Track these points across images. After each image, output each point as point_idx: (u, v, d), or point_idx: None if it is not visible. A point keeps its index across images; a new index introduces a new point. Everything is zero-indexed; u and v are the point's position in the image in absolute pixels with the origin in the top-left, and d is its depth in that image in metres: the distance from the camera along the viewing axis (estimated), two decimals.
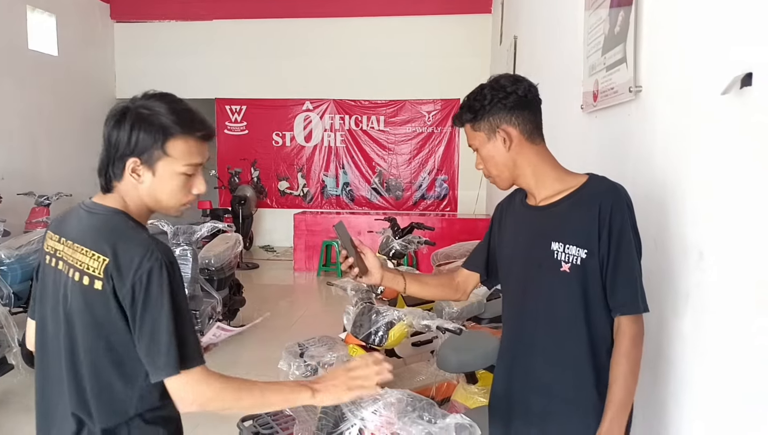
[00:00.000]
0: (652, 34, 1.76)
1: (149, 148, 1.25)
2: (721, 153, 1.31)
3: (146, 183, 1.28)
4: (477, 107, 1.49)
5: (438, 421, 1.30)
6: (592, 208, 1.40)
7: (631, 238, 1.38)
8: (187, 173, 1.29)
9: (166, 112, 1.27)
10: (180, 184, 1.29)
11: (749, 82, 1.16)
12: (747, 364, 1.18)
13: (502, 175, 1.52)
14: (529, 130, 1.48)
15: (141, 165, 1.26)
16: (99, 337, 1.24)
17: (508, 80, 1.49)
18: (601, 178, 1.48)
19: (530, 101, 1.49)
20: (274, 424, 2.08)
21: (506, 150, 1.48)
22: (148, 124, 1.25)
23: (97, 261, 1.21)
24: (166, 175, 1.27)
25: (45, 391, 1.35)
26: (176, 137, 1.26)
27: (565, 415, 1.47)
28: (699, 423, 1.42)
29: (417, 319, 2.21)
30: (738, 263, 1.23)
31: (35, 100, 8.17)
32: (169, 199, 1.31)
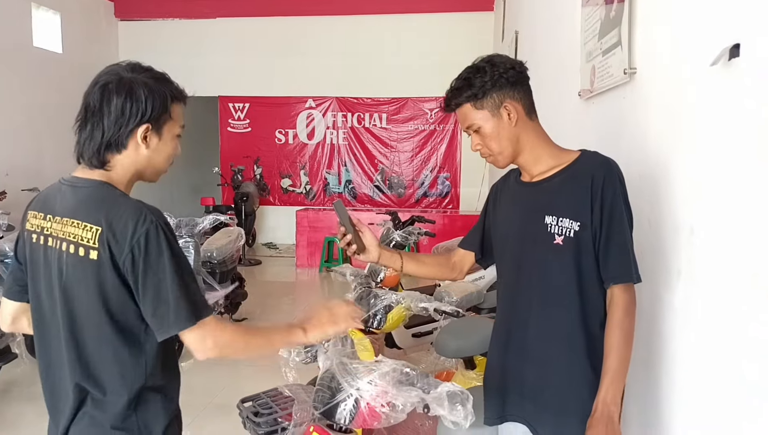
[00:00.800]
0: (647, 16, 1.78)
1: (161, 113, 1.32)
2: (712, 129, 1.33)
3: (152, 147, 1.34)
4: (479, 84, 1.50)
5: (431, 391, 1.33)
6: (584, 182, 1.42)
7: (622, 210, 1.40)
8: (179, 135, 1.40)
9: (164, 80, 1.36)
10: (175, 146, 1.40)
11: (737, 53, 1.18)
12: (735, 335, 1.20)
13: (504, 152, 1.53)
14: (527, 106, 1.52)
15: (151, 130, 1.32)
16: (99, 307, 1.26)
17: (501, 58, 1.53)
18: (593, 153, 1.50)
19: (526, 78, 1.52)
20: (273, 405, 2.10)
21: (512, 125, 1.49)
22: (158, 92, 1.32)
23: (90, 231, 1.24)
24: (168, 138, 1.36)
25: (48, 368, 1.38)
26: (175, 102, 1.36)
27: (559, 386, 1.49)
28: (689, 394, 1.43)
29: (415, 302, 2.24)
30: (727, 237, 1.25)
31: (40, 97, 8.23)
32: (165, 162, 1.40)
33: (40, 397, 1.44)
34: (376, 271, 3.00)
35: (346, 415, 1.42)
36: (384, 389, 1.37)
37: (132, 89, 1.28)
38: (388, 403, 1.38)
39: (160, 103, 1.31)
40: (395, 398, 1.34)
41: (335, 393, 1.45)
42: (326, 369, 1.55)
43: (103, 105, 1.28)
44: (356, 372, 1.42)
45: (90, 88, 1.31)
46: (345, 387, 1.41)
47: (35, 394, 3.96)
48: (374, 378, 1.38)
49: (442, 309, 2.16)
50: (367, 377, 1.39)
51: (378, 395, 1.38)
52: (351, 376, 1.42)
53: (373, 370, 1.40)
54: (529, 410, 1.52)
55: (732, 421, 1.21)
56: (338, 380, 1.44)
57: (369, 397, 1.39)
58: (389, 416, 1.38)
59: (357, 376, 1.41)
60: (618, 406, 1.37)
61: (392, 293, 2.36)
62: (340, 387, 1.43)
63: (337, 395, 1.44)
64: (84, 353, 1.30)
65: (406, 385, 1.36)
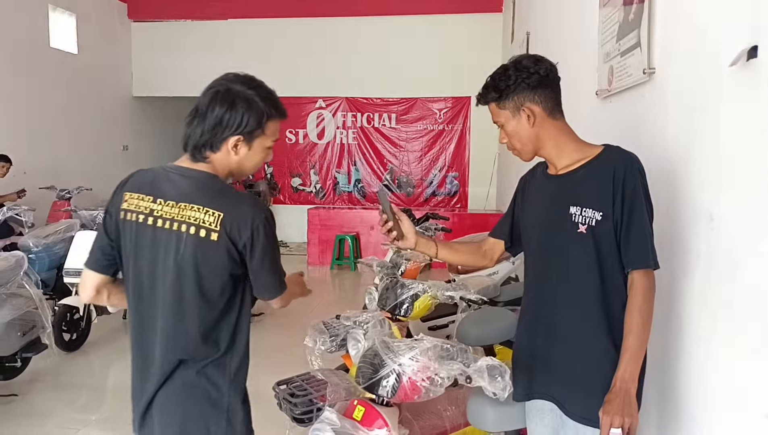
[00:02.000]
0: (666, 18, 1.88)
1: (254, 129, 1.49)
2: (729, 127, 1.44)
3: (240, 155, 1.51)
4: (502, 87, 1.62)
5: (471, 364, 1.44)
6: (607, 175, 1.53)
7: (642, 200, 1.51)
8: (271, 147, 1.57)
9: (267, 98, 1.51)
10: (265, 156, 1.57)
11: (755, 54, 1.29)
12: (751, 315, 1.30)
13: (525, 149, 1.67)
14: (550, 107, 1.63)
15: (242, 141, 1.49)
16: (213, 281, 1.45)
17: (530, 60, 1.63)
18: (615, 148, 1.61)
19: (551, 80, 1.63)
20: (308, 387, 2.22)
21: (530, 126, 1.62)
22: (257, 109, 1.48)
23: (213, 216, 1.43)
24: (259, 149, 1.53)
25: (143, 336, 1.52)
26: (272, 119, 1.52)
27: (585, 365, 1.58)
28: (711, 375, 1.54)
29: (441, 291, 2.35)
30: (744, 222, 1.35)
31: (56, 96, 8.38)
32: (253, 168, 1.59)
33: (69, 387, 1.58)
34: (397, 264, 3.11)
35: (389, 389, 1.53)
36: (425, 364, 1.48)
37: (234, 103, 1.45)
38: (429, 377, 1.49)
39: (255, 120, 1.47)
40: (438, 372, 1.45)
41: (378, 369, 1.56)
42: (369, 347, 1.66)
43: (208, 110, 1.46)
44: (398, 349, 1.53)
45: (205, 90, 1.50)
46: (388, 363, 1.52)
47: (64, 384, 4.11)
48: (416, 354, 1.49)
49: (468, 297, 2.27)
50: (409, 353, 1.50)
51: (419, 370, 1.49)
52: (393, 353, 1.53)
53: (414, 347, 1.51)
54: (556, 388, 1.63)
55: (748, 403, 1.32)
56: (381, 357, 1.55)
57: (411, 371, 1.50)
58: (429, 390, 1.49)
59: (399, 353, 1.52)
60: (635, 383, 1.47)
61: (419, 283, 2.47)
62: (383, 363, 1.54)
63: (380, 371, 1.55)
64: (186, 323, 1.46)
65: (447, 359, 1.47)
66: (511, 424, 1.81)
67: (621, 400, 1.43)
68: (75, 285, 4.67)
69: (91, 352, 4.70)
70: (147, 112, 10.59)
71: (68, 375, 4.23)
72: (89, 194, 7.91)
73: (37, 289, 3.86)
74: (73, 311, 4.61)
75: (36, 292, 3.81)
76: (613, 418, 1.40)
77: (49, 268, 5.21)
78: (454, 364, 1.43)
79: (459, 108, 9.66)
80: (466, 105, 9.63)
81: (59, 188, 7.57)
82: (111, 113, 9.70)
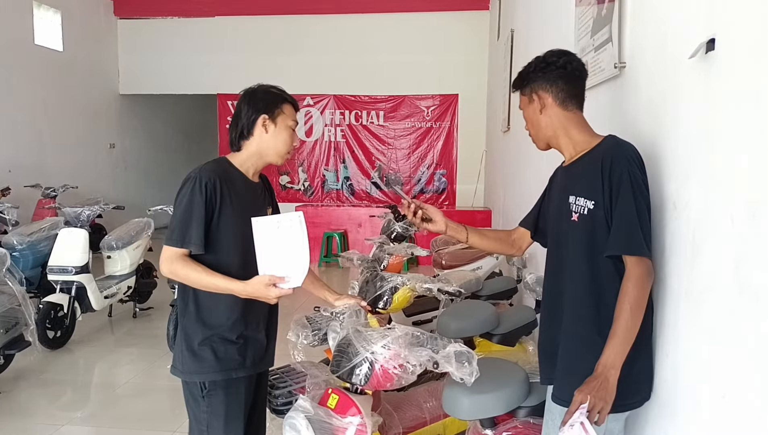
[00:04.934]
0: (635, 13, 1.93)
1: (274, 107, 1.90)
2: (690, 114, 1.48)
3: (270, 132, 1.90)
4: (523, 75, 1.75)
5: (440, 351, 1.47)
6: (597, 164, 1.58)
7: (630, 188, 1.52)
8: (292, 127, 1.95)
9: (279, 89, 1.99)
10: (289, 135, 1.94)
11: (713, 47, 1.32)
12: (709, 299, 1.34)
13: (537, 135, 1.78)
14: (562, 98, 1.69)
15: (268, 119, 1.89)
16: None
17: (555, 54, 1.72)
18: (610, 137, 1.65)
19: (569, 72, 1.70)
20: (288, 379, 2.24)
21: (539, 113, 1.72)
22: (273, 94, 1.95)
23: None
24: (282, 127, 1.92)
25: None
26: (286, 102, 1.95)
27: (570, 351, 1.63)
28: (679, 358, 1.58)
29: (419, 283, 2.38)
30: (704, 210, 1.39)
31: (41, 94, 8.32)
32: (282, 146, 1.93)
33: (53, 384, 1.61)
34: (379, 259, 3.14)
35: (362, 377, 1.55)
36: (397, 352, 1.51)
37: (254, 93, 1.94)
38: (401, 365, 1.52)
39: (272, 101, 1.91)
40: (408, 359, 1.47)
41: (351, 357, 1.59)
42: (343, 336, 1.68)
43: (240, 107, 1.92)
44: (371, 337, 1.56)
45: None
46: (361, 351, 1.55)
47: (48, 382, 4.10)
48: (388, 342, 1.52)
49: (445, 289, 2.30)
50: (382, 341, 1.53)
51: (391, 358, 1.51)
52: (366, 341, 1.56)
53: (387, 335, 1.54)
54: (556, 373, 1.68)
55: (710, 385, 1.36)
56: (354, 345, 1.58)
57: (383, 359, 1.52)
58: (401, 377, 1.52)
59: (372, 341, 1.55)
60: (617, 369, 1.48)
61: (398, 276, 2.50)
62: (356, 351, 1.57)
63: (354, 359, 1.57)
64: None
65: (417, 346, 1.50)
66: (485, 412, 1.84)
67: (598, 382, 1.45)
68: (59, 282, 4.66)
69: (75, 350, 4.69)
70: (134, 109, 10.53)
71: (52, 372, 4.22)
72: (75, 192, 7.88)
73: (21, 287, 3.84)
74: (57, 308, 4.59)
75: (19, 289, 3.80)
76: (584, 396, 1.43)
77: (34, 265, 5.19)
78: (423, 351, 1.46)
79: (447, 105, 9.70)
80: (454, 102, 9.67)
81: (44, 186, 7.53)
82: (97, 111, 9.64)
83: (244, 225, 1.86)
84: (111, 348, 4.78)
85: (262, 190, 2.04)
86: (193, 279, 1.77)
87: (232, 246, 1.85)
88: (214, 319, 1.85)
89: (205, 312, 1.85)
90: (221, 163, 1.92)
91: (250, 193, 1.95)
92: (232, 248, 1.85)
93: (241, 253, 1.86)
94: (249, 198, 1.93)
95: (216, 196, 1.81)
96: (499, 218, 6.87)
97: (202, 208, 1.77)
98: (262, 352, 1.97)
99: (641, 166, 1.58)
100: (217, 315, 1.86)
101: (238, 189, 1.89)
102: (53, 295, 4.61)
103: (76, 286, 4.63)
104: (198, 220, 1.77)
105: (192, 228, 1.77)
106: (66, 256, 4.61)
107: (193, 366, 1.84)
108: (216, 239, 1.83)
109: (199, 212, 1.77)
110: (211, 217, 1.81)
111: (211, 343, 1.83)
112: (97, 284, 4.87)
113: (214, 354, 1.82)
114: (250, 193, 1.95)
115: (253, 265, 1.85)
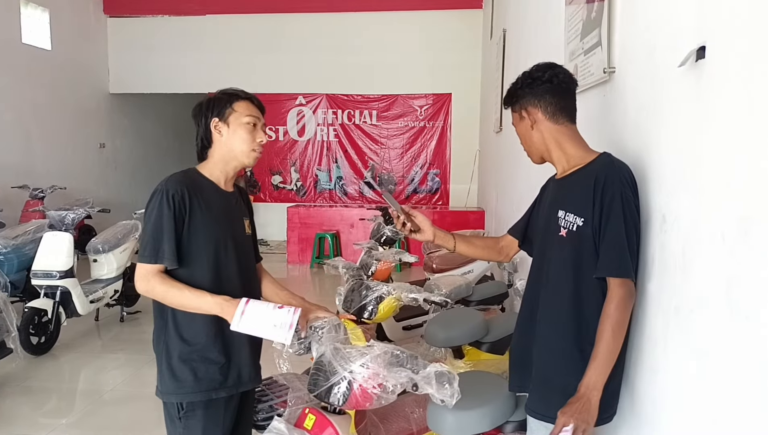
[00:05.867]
0: (624, 17, 1.87)
1: (223, 108, 1.82)
2: (679, 124, 1.42)
3: (224, 135, 1.82)
4: (512, 92, 1.74)
5: (420, 371, 1.41)
6: (590, 181, 1.55)
7: (621, 210, 1.50)
8: (250, 123, 1.83)
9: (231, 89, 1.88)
10: (246, 131, 1.83)
11: (703, 54, 1.27)
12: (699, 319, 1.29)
13: (530, 150, 1.76)
14: (552, 112, 1.67)
15: (219, 121, 1.82)
16: None
17: (540, 69, 1.69)
18: (606, 155, 1.63)
19: (555, 86, 1.67)
20: (270, 392, 2.18)
21: (531, 128, 1.70)
22: (221, 96, 1.86)
23: None
24: (236, 125, 1.82)
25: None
26: (238, 100, 1.84)
27: (548, 366, 1.61)
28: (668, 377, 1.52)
29: (405, 293, 2.32)
30: (695, 225, 1.34)
31: (29, 94, 8.21)
32: (241, 144, 1.82)
33: (37, 391, 1.56)
34: (367, 265, 3.07)
35: (339, 397, 1.49)
36: (376, 371, 1.45)
37: (202, 102, 1.87)
38: (380, 384, 1.46)
39: (220, 103, 1.83)
40: (386, 379, 1.41)
41: (329, 376, 1.53)
42: (321, 354, 1.62)
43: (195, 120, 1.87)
44: (349, 356, 1.50)
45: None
46: (339, 370, 1.49)
47: (32, 389, 4.02)
48: (366, 361, 1.46)
49: (432, 299, 2.24)
50: (360, 360, 1.47)
51: (370, 377, 1.45)
52: (344, 359, 1.50)
53: (366, 354, 1.47)
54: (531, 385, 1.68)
55: (698, 407, 1.30)
56: (332, 364, 1.52)
57: (361, 379, 1.46)
58: (380, 397, 1.46)
59: (350, 360, 1.49)
60: (599, 391, 1.48)
61: (384, 285, 2.44)
62: (334, 370, 1.51)
63: (331, 378, 1.51)
64: None
65: (396, 366, 1.44)
66: (471, 429, 1.78)
67: (581, 404, 1.46)
68: (43, 287, 4.58)
69: (60, 355, 4.61)
70: (124, 109, 10.42)
71: (36, 379, 4.13)
72: (63, 193, 7.78)
73: (2, 293, 3.76)
74: (41, 314, 4.51)
75: (0, 295, 3.72)
76: (568, 419, 1.43)
77: (18, 269, 5.10)
78: (402, 372, 1.40)
79: (440, 105, 9.64)
80: (447, 102, 9.61)
81: (32, 187, 7.43)
82: (87, 111, 9.53)
83: (217, 236, 1.79)
84: (97, 353, 4.70)
85: (237, 200, 1.95)
86: (172, 296, 1.69)
87: (205, 259, 1.77)
88: (195, 335, 1.77)
89: (185, 327, 1.76)
90: (189, 174, 1.85)
91: (222, 202, 1.86)
92: (205, 261, 1.77)
93: (214, 267, 1.78)
94: (221, 208, 1.85)
95: (184, 208, 1.73)
96: (492, 219, 6.82)
97: (171, 220, 1.70)
98: (247, 371, 1.87)
99: (634, 188, 1.57)
100: (198, 331, 1.77)
101: (208, 199, 1.81)
102: (37, 300, 4.53)
103: (61, 291, 4.55)
104: (169, 233, 1.70)
105: (164, 242, 1.69)
106: (50, 260, 4.52)
107: (171, 386, 1.76)
108: (188, 252, 1.75)
109: (169, 225, 1.69)
110: (181, 230, 1.73)
111: (191, 362, 1.75)
112: (84, 288, 4.78)
113: (193, 374, 1.75)
114: (222, 203, 1.86)
115: (228, 280, 1.77)
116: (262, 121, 1.90)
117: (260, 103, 1.92)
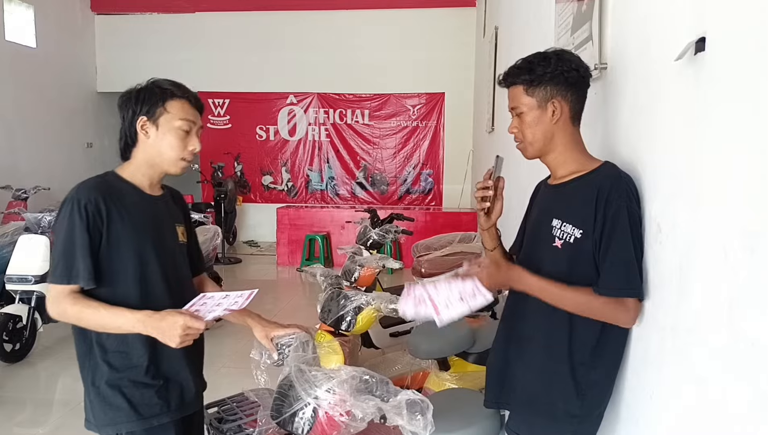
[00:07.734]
0: (616, 10, 1.74)
1: (154, 107, 1.59)
2: (676, 124, 1.29)
3: (151, 137, 1.60)
4: (539, 71, 1.47)
5: (390, 399, 1.27)
6: (592, 192, 1.42)
7: (627, 224, 1.37)
8: (182, 128, 1.61)
9: (167, 82, 1.64)
10: (177, 137, 1.61)
11: (702, 47, 1.14)
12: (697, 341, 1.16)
13: (535, 145, 1.54)
14: (575, 111, 1.52)
15: (147, 121, 1.60)
16: None
17: (572, 56, 1.51)
18: (611, 166, 1.49)
19: (585, 84, 1.52)
20: (239, 410, 2.04)
21: (552, 122, 1.49)
22: (154, 91, 1.61)
23: None
24: (166, 128, 1.60)
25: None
26: (173, 99, 1.61)
27: (535, 385, 1.52)
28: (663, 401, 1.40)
29: (385, 304, 2.19)
30: (693, 236, 1.21)
31: (12, 93, 8.03)
32: (169, 151, 1.61)
33: (10, 401, 1.44)
34: (350, 271, 2.94)
35: (303, 425, 1.36)
36: (342, 398, 1.31)
37: (130, 93, 1.63)
38: (347, 412, 1.32)
39: (152, 99, 1.59)
40: (353, 407, 1.28)
41: (293, 401, 1.39)
42: (285, 376, 1.49)
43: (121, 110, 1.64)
44: (314, 380, 1.36)
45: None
46: (302, 395, 1.35)
47: (5, 399, 3.86)
48: (333, 386, 1.33)
49: None
50: (326, 385, 1.33)
51: (336, 404, 1.32)
52: (309, 383, 1.36)
53: (332, 378, 1.34)
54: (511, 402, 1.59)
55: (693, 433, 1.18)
56: (296, 388, 1.38)
57: (327, 405, 1.33)
58: (349, 426, 1.32)
59: (315, 384, 1.35)
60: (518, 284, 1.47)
61: (362, 295, 2.30)
62: (297, 395, 1.37)
63: (295, 404, 1.38)
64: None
65: (364, 393, 1.30)
66: None
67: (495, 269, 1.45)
68: (17, 292, 4.42)
69: (36, 363, 4.46)
70: (112, 108, 10.07)
71: (10, 388, 3.99)
72: (47, 194, 7.60)
73: None
74: (16, 320, 4.36)
75: None
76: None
77: None
78: (370, 401, 1.26)
79: (433, 104, 9.51)
80: (440, 101, 9.48)
81: (15, 188, 7.26)
82: (74, 110, 9.35)
83: (140, 248, 1.58)
84: (75, 360, 4.53)
85: (166, 204, 1.74)
86: (87, 317, 1.48)
87: (130, 274, 1.56)
88: (123, 358, 1.57)
89: (111, 350, 1.56)
90: (106, 178, 1.63)
91: (148, 208, 1.65)
92: (130, 276, 1.56)
93: (140, 283, 1.58)
94: (147, 215, 1.63)
95: (100, 218, 1.52)
96: None
97: (85, 234, 1.49)
98: (191, 391, 1.69)
99: (639, 201, 1.43)
100: (127, 354, 1.57)
101: (129, 205, 1.60)
102: (11, 305, 4.37)
103: (37, 296, 4.39)
104: (82, 248, 1.48)
105: (77, 259, 1.48)
106: (25, 265, 4.36)
107: (105, 416, 1.57)
108: (108, 269, 1.54)
109: (82, 239, 1.48)
110: (98, 244, 1.52)
111: (122, 389, 1.56)
112: None
113: (127, 401, 1.56)
114: (148, 209, 1.65)
115: (156, 297, 1.58)
116: (199, 124, 1.67)
117: (199, 103, 1.69)
